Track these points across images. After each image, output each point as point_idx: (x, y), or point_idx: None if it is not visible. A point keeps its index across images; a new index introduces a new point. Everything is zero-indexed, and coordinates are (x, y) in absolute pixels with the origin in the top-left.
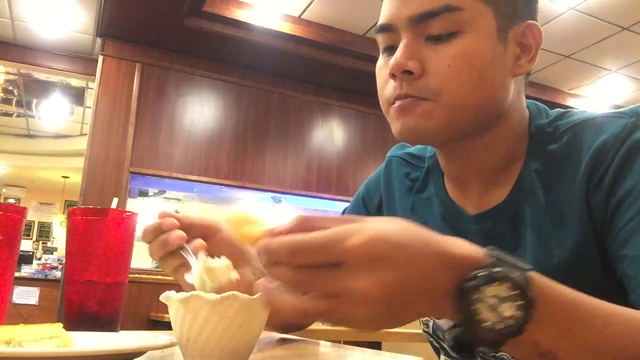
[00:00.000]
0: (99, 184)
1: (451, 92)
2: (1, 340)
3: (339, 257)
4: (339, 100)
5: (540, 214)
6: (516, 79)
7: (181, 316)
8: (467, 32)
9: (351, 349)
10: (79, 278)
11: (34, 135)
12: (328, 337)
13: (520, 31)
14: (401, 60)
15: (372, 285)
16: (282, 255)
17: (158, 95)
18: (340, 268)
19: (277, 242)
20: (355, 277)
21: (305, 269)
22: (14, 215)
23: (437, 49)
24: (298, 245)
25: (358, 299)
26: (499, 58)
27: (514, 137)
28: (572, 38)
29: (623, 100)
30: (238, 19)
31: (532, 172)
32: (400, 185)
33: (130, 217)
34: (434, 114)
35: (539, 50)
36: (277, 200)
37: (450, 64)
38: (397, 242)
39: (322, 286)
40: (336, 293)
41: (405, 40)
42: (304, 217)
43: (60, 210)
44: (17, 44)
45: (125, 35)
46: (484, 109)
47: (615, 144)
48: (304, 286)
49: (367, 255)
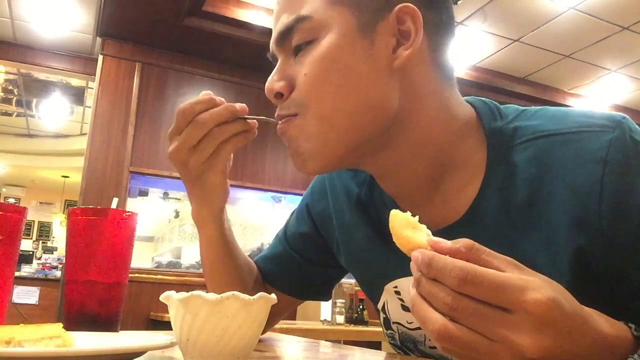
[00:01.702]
0: (99, 183)
1: (316, 102)
2: (1, 340)
3: (511, 305)
4: None
5: (502, 230)
6: (412, 72)
7: (181, 316)
8: (322, 37)
9: (351, 349)
10: (79, 278)
11: (34, 135)
12: (328, 337)
13: (393, 19)
14: (268, 85)
15: (530, 345)
16: (450, 277)
17: (158, 95)
18: (505, 315)
19: (449, 261)
20: (518, 331)
21: (469, 299)
22: (14, 215)
23: (301, 62)
24: (475, 275)
25: (510, 352)
26: (365, 55)
27: (445, 141)
28: (572, 38)
29: (623, 100)
30: (238, 18)
31: (495, 190)
32: (348, 190)
33: (130, 217)
34: (306, 130)
35: (420, 32)
36: (277, 200)
37: (305, 73)
38: (568, 311)
39: (480, 322)
40: (489, 336)
41: (279, 62)
42: (474, 245)
43: (60, 210)
44: (17, 44)
45: (125, 35)
46: (362, 113)
47: (604, 175)
48: (459, 315)
49: (542, 315)
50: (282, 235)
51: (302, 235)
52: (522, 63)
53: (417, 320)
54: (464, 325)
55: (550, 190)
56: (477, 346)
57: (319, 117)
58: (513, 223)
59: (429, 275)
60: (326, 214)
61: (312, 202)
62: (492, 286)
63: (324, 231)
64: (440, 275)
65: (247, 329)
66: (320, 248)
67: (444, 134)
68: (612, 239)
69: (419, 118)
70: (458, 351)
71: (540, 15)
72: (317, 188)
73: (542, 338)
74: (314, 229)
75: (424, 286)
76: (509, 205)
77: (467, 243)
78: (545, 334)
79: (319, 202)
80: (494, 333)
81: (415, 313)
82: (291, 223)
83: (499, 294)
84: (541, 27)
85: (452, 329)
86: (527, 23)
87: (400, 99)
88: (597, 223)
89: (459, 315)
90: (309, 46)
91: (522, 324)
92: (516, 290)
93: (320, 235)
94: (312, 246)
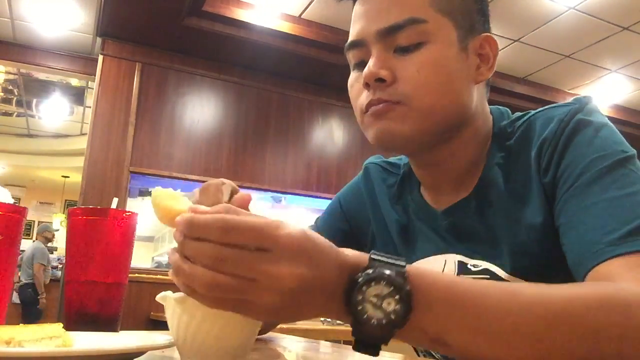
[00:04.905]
0: (99, 183)
1: (422, 97)
2: (1, 340)
3: (269, 243)
4: (339, 100)
5: (504, 201)
6: (478, 86)
7: (177, 317)
8: (432, 42)
9: (351, 349)
10: (79, 278)
11: (34, 135)
12: (328, 337)
13: (478, 43)
14: (374, 69)
15: (288, 274)
16: (212, 231)
17: (158, 95)
18: (265, 253)
19: (208, 217)
20: (276, 265)
21: (231, 249)
22: (14, 215)
23: (405, 59)
24: (234, 223)
25: (271, 285)
26: (462, 66)
27: (479, 141)
28: (572, 38)
29: (623, 100)
30: (238, 18)
31: (494, 166)
32: (380, 189)
33: (130, 217)
34: (407, 117)
35: (496, 59)
36: (277, 200)
37: (419, 71)
38: (317, 241)
39: (243, 266)
40: (252, 276)
41: (376, 52)
42: (231, 207)
43: (60, 210)
44: (17, 44)
45: (125, 35)
46: (451, 113)
47: (560, 126)
48: (224, 264)
49: (294, 247)
50: (314, 224)
51: (331, 226)
52: (522, 63)
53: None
54: (229, 273)
55: (529, 149)
56: (244, 287)
57: (422, 111)
58: (514, 195)
59: (192, 235)
60: (360, 210)
61: (345, 198)
62: (250, 229)
63: (355, 225)
64: (203, 232)
65: (245, 328)
66: (347, 239)
67: (481, 134)
68: (557, 171)
69: (476, 121)
70: (228, 297)
71: (540, 15)
72: (350, 189)
73: (297, 266)
74: (345, 220)
75: (187, 246)
76: (505, 175)
77: (225, 206)
78: (299, 262)
79: (352, 199)
80: (256, 271)
81: (181, 272)
82: (321, 217)
83: (258, 235)
84: (541, 27)
85: (219, 277)
86: (527, 23)
87: (474, 107)
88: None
89: (224, 265)
90: (418, 47)
91: (279, 257)
92: (271, 229)
93: (349, 225)
94: (339, 233)
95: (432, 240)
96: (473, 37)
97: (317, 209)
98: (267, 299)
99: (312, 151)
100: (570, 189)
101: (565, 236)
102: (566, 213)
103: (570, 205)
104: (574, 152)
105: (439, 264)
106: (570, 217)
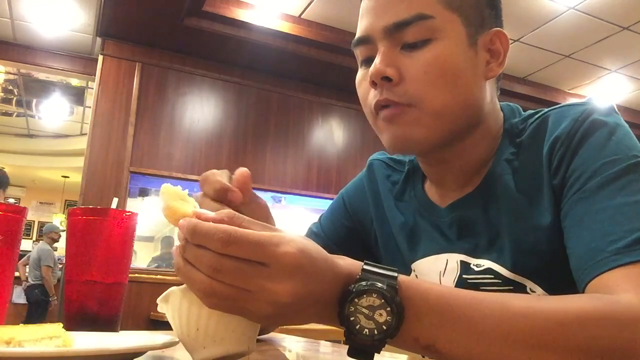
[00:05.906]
0: (99, 183)
1: (432, 99)
2: (1, 340)
3: (267, 260)
4: (339, 100)
5: (510, 197)
6: (489, 82)
7: (186, 309)
8: (440, 38)
9: None
10: (79, 278)
11: (34, 135)
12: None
13: (489, 38)
14: (380, 67)
15: (284, 290)
16: (212, 241)
17: (158, 95)
18: (263, 268)
19: (210, 226)
20: (272, 280)
21: (230, 259)
22: (14, 215)
23: (412, 56)
24: (235, 237)
25: (266, 298)
26: (471, 62)
27: (490, 138)
28: (572, 38)
29: (623, 100)
30: (238, 18)
31: (503, 161)
32: (383, 186)
33: (130, 217)
34: (420, 121)
35: (507, 55)
36: (277, 199)
37: (426, 71)
38: (314, 257)
39: (241, 278)
40: (249, 288)
41: (383, 49)
42: (235, 214)
43: (60, 210)
44: (17, 44)
45: (125, 35)
46: (464, 112)
47: (574, 126)
48: (222, 274)
49: (292, 265)
50: (317, 222)
51: (335, 223)
52: (522, 63)
53: (184, 281)
54: (227, 283)
55: (541, 147)
56: (240, 296)
57: (435, 113)
58: (522, 192)
59: (194, 241)
60: (362, 208)
61: (348, 195)
62: (251, 244)
63: (358, 221)
64: (204, 240)
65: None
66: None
67: (493, 131)
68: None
69: (488, 118)
70: (224, 304)
71: (540, 15)
72: (354, 185)
73: (292, 283)
74: (348, 217)
75: (189, 251)
76: (514, 171)
77: (229, 213)
78: (295, 279)
79: (355, 196)
80: (253, 284)
81: (181, 275)
82: (325, 214)
83: (257, 250)
84: (541, 27)
85: (216, 285)
86: (527, 23)
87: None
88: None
89: (222, 276)
90: (425, 44)
91: (276, 273)
92: (271, 245)
93: (352, 221)
94: (343, 230)
95: (434, 238)
96: (483, 32)
97: (317, 209)
98: (262, 308)
99: (312, 151)
100: (578, 192)
101: (570, 240)
102: (573, 216)
103: (577, 208)
104: (586, 154)
105: (440, 263)
106: (576, 221)
